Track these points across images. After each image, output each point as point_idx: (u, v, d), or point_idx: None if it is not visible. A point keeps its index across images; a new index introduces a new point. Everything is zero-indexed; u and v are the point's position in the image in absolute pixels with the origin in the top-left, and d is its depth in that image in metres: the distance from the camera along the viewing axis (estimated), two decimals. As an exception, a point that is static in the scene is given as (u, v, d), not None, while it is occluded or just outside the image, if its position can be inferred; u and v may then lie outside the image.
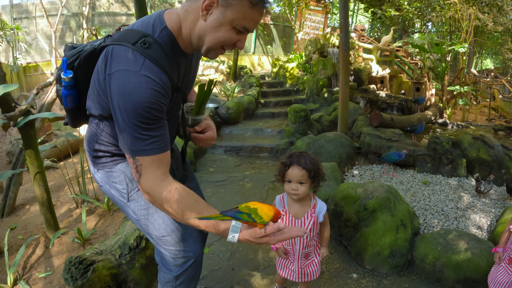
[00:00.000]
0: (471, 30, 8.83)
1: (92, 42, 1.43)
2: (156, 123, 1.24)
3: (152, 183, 1.26)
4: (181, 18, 1.31)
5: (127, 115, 1.19)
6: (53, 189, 4.10)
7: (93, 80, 1.37)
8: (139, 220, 1.58)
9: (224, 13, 1.23)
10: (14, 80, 9.88)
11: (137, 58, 1.21)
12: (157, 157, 1.26)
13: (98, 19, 14.01)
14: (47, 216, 2.93)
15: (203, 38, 1.30)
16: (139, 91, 1.17)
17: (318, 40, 9.86)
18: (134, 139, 1.22)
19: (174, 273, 1.66)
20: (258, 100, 8.62)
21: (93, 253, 2.21)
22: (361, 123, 6.32)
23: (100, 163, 1.54)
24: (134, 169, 1.28)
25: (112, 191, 1.56)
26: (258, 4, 1.24)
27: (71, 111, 1.53)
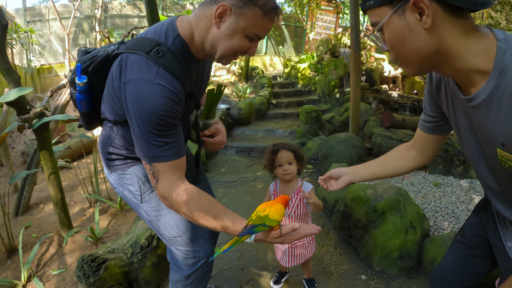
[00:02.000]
0: (484, 29, 8.71)
1: (106, 47, 1.46)
2: (171, 130, 1.26)
3: (169, 188, 1.29)
4: (193, 25, 1.32)
5: (142, 123, 1.22)
6: (67, 188, 4.18)
7: (108, 86, 1.39)
8: (152, 221, 1.61)
9: (237, 21, 1.25)
10: (28, 82, 10.05)
11: (151, 67, 1.24)
12: (173, 162, 1.29)
13: (111, 21, 14.17)
14: (61, 215, 3.00)
15: (216, 45, 1.31)
16: (154, 99, 1.20)
17: (330, 40, 9.85)
18: (150, 146, 1.25)
19: (185, 273, 1.69)
20: (270, 101, 8.64)
21: (106, 251, 2.25)
22: (372, 124, 6.29)
23: (114, 165, 1.57)
24: (151, 175, 1.31)
25: (126, 192, 1.60)
26: (270, 12, 1.26)
27: (86, 114, 1.56)
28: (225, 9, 1.23)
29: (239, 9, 1.23)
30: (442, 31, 0.87)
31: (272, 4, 1.26)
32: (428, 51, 0.90)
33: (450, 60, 0.91)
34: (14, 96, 2.35)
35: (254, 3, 1.22)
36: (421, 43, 0.89)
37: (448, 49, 0.89)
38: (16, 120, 2.50)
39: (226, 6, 1.22)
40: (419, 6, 0.84)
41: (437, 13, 0.85)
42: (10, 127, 2.66)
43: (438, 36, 0.88)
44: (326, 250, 2.98)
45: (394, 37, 0.93)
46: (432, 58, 0.92)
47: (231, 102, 8.03)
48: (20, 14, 13.45)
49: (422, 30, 0.87)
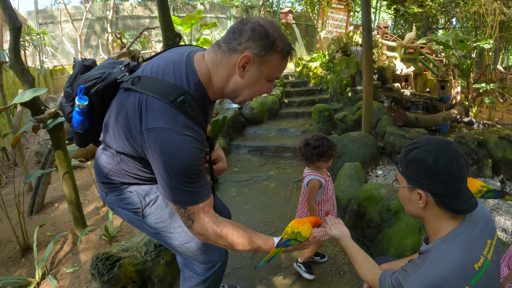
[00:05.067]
0: (496, 25, 8.59)
1: (109, 67, 1.48)
2: (199, 175, 1.30)
3: (205, 226, 1.35)
4: (211, 70, 1.34)
5: (174, 173, 1.24)
6: (81, 188, 4.22)
7: (118, 122, 1.37)
8: (159, 233, 1.60)
9: (260, 69, 1.31)
10: (41, 83, 10.17)
11: (177, 116, 1.25)
12: (207, 202, 1.34)
13: (122, 22, 14.29)
14: (75, 214, 3.03)
15: (238, 92, 1.37)
16: (184, 150, 1.23)
17: (341, 39, 9.79)
18: (183, 192, 1.28)
19: (203, 277, 1.70)
20: (282, 100, 8.63)
21: (120, 249, 2.27)
22: (385, 123, 6.24)
23: (111, 188, 1.55)
24: (185, 217, 1.35)
25: (125, 212, 1.59)
26: (287, 55, 1.34)
27: (79, 134, 1.54)
28: (248, 59, 1.27)
29: (261, 57, 1.28)
30: (428, 210, 1.30)
31: (288, 47, 1.33)
32: (417, 214, 1.35)
33: (426, 223, 1.34)
34: (29, 97, 2.38)
35: (275, 50, 1.28)
36: (414, 210, 1.35)
37: (426, 219, 1.32)
38: (31, 121, 2.53)
39: (249, 56, 1.27)
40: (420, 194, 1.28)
41: (430, 200, 1.27)
42: (25, 127, 2.69)
43: (425, 210, 1.30)
44: (339, 250, 2.96)
45: (401, 196, 1.39)
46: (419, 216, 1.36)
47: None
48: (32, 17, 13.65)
49: (418, 203, 1.30)
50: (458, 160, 1.23)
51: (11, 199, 4.03)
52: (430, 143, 1.28)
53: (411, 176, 1.29)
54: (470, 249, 1.22)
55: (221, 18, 15.08)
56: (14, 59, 2.65)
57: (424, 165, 1.25)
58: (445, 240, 1.24)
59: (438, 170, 1.23)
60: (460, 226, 1.26)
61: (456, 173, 1.22)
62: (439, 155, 1.24)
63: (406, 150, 1.32)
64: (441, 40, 7.85)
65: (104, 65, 1.51)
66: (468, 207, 1.25)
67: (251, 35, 1.26)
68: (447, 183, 1.23)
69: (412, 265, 1.25)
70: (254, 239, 1.43)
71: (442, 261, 1.20)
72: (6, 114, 4.70)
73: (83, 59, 1.55)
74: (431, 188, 1.25)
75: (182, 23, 8.87)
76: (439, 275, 1.17)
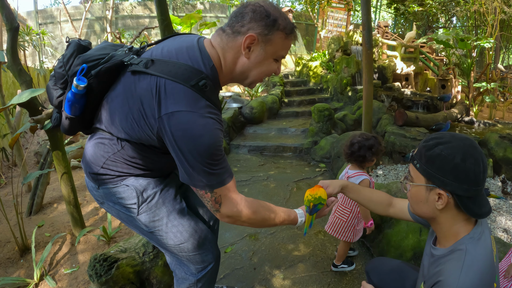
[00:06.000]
0: (497, 24, 8.56)
1: (112, 49, 1.43)
2: (222, 156, 1.31)
3: (232, 207, 1.36)
4: (220, 54, 1.35)
5: (200, 156, 1.23)
6: (80, 188, 4.20)
7: (126, 107, 1.34)
8: (153, 232, 1.56)
9: (265, 48, 1.32)
10: (41, 83, 10.16)
11: (199, 99, 1.25)
12: (231, 182, 1.35)
13: (122, 22, 14.28)
14: (74, 215, 3.01)
15: (246, 73, 1.39)
16: (209, 132, 1.23)
17: (341, 38, 9.77)
18: (209, 175, 1.27)
19: (196, 277, 1.68)
20: (282, 99, 8.62)
21: (118, 250, 2.25)
22: (385, 122, 6.22)
23: (104, 179, 1.47)
24: (213, 201, 1.33)
25: (117, 207, 1.53)
26: (291, 33, 1.35)
27: (71, 119, 1.44)
28: (252, 39, 1.29)
29: (265, 36, 1.30)
30: (444, 212, 1.21)
31: (291, 25, 1.35)
32: (428, 217, 1.28)
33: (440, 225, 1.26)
34: (26, 97, 2.36)
35: (277, 28, 1.30)
36: (428, 212, 1.25)
37: (440, 220, 1.24)
38: (28, 121, 2.52)
39: (253, 36, 1.29)
40: (440, 194, 1.18)
41: (450, 203, 1.19)
42: (22, 128, 2.68)
43: (441, 212, 1.22)
44: (339, 250, 2.96)
45: (415, 195, 1.28)
46: (428, 220, 1.31)
47: (243, 101, 8.02)
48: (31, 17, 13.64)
49: (435, 205, 1.20)
50: (484, 161, 1.16)
51: (10, 199, 4.01)
52: (456, 140, 1.18)
53: (433, 174, 1.18)
54: (491, 246, 1.19)
55: (221, 17, 15.05)
56: (11, 60, 2.64)
57: (451, 163, 1.14)
58: (473, 236, 1.18)
59: (467, 170, 1.13)
60: (478, 225, 1.21)
61: (482, 174, 1.15)
62: (468, 154, 1.14)
63: (427, 145, 1.21)
64: (442, 39, 7.82)
65: (104, 47, 1.45)
66: (486, 210, 1.19)
67: (252, 16, 1.28)
68: (472, 184, 1.15)
69: (451, 266, 1.16)
70: (280, 212, 1.50)
71: (480, 256, 1.14)
72: (5, 114, 4.69)
73: (78, 39, 1.49)
74: (455, 189, 1.16)
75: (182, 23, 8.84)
76: (482, 268, 1.12)
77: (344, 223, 2.54)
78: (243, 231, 3.18)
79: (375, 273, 1.78)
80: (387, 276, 1.71)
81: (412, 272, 1.66)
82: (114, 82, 1.41)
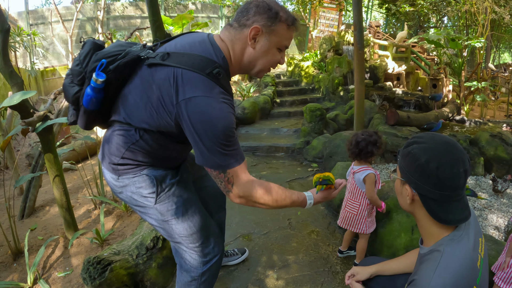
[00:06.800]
0: (487, 23, 8.65)
1: (127, 46, 1.53)
2: (235, 138, 1.41)
3: (244, 187, 1.44)
4: (229, 47, 1.49)
5: (215, 137, 1.33)
6: (72, 190, 4.19)
7: (145, 96, 1.43)
8: (167, 221, 1.64)
9: (269, 38, 1.46)
10: (32, 84, 10.09)
11: (214, 86, 1.36)
12: (243, 164, 1.45)
13: (113, 22, 14.21)
14: (66, 218, 3.00)
15: (253, 62, 1.52)
16: (224, 115, 1.34)
17: (333, 38, 9.80)
18: (223, 156, 1.37)
19: (200, 270, 1.75)
20: (274, 100, 8.61)
21: (111, 253, 2.25)
22: (377, 122, 6.26)
23: (124, 170, 1.56)
24: (225, 182, 1.43)
25: (135, 196, 1.60)
26: (292, 24, 1.49)
27: (90, 113, 1.52)
28: (257, 30, 1.43)
29: (269, 28, 1.44)
30: (417, 208, 1.29)
31: (292, 17, 1.49)
32: (406, 208, 1.34)
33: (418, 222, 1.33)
34: (17, 100, 2.35)
35: (279, 20, 1.44)
36: (404, 204, 1.34)
37: (417, 217, 1.31)
38: (19, 124, 2.51)
39: (258, 28, 1.43)
40: (407, 190, 1.28)
41: (416, 199, 1.26)
42: (14, 130, 2.66)
43: (413, 207, 1.30)
44: (332, 250, 2.97)
45: (395, 187, 1.40)
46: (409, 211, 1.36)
47: (235, 102, 8.01)
48: (22, 17, 13.51)
49: (406, 198, 1.29)
50: (454, 168, 1.16)
51: (2, 203, 3.98)
52: (432, 142, 1.23)
53: (403, 169, 1.27)
54: (472, 249, 1.20)
55: (212, 18, 15.06)
56: (2, 62, 2.62)
57: (416, 163, 1.21)
58: (453, 238, 1.21)
59: (428, 172, 1.18)
60: (460, 228, 1.22)
61: (448, 180, 1.17)
62: (434, 157, 1.19)
63: (407, 143, 1.30)
64: (433, 39, 7.89)
65: (120, 44, 1.55)
66: (455, 218, 1.20)
67: (256, 10, 1.43)
68: (435, 187, 1.18)
69: (426, 266, 1.20)
70: (289, 193, 1.57)
71: (457, 258, 1.16)
72: (-4, 116, 4.65)
73: (93, 38, 1.57)
74: (418, 188, 1.23)
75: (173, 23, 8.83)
76: (457, 271, 1.14)
77: (355, 216, 2.64)
78: (236, 232, 3.19)
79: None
80: (378, 276, 1.73)
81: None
82: (130, 76, 1.51)
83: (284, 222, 3.40)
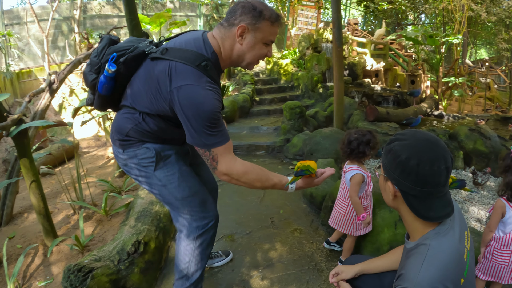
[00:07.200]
0: (464, 20, 8.82)
1: (135, 42, 1.77)
2: (220, 121, 1.61)
3: (228, 165, 1.66)
4: (219, 43, 1.70)
5: (201, 120, 1.55)
6: (50, 195, 4.09)
7: (146, 85, 1.68)
8: (165, 186, 1.86)
9: (255, 35, 1.67)
10: (7, 86, 9.83)
11: (201, 76, 1.58)
12: (227, 144, 1.65)
13: (90, 22, 13.94)
14: (45, 225, 2.92)
15: (242, 57, 1.73)
16: (208, 100, 1.55)
17: (312, 36, 9.84)
18: (208, 136, 1.59)
19: (196, 233, 1.93)
20: (253, 98, 8.58)
21: (92, 260, 2.20)
22: (357, 118, 6.31)
23: (129, 144, 1.81)
24: (211, 159, 1.65)
25: (138, 166, 1.84)
26: (276, 21, 1.69)
27: (103, 97, 1.78)
28: (243, 28, 1.64)
29: (254, 25, 1.64)
30: (399, 204, 1.31)
31: (275, 15, 1.69)
32: (390, 204, 1.36)
33: (403, 218, 1.35)
34: (-10, 104, 2.28)
35: (263, 18, 1.64)
36: (387, 200, 1.37)
37: (401, 213, 1.33)
38: (-7, 129, 2.43)
39: (244, 26, 1.64)
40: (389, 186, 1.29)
41: (398, 195, 1.28)
42: (-13, 136, 2.58)
43: (397, 203, 1.32)
44: (316, 247, 2.98)
45: (380, 183, 1.42)
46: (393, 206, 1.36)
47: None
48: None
49: (390, 195, 1.30)
50: (435, 165, 1.18)
51: (-23, 210, 3.86)
52: (413, 139, 1.25)
53: (385, 166, 1.30)
54: (458, 242, 1.21)
55: (190, 16, 14.92)
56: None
57: (397, 159, 1.23)
58: (439, 232, 1.22)
59: (408, 169, 1.20)
60: (446, 222, 1.24)
61: (429, 177, 1.18)
62: (414, 154, 1.20)
63: (390, 139, 1.33)
64: (411, 35, 8.01)
65: (131, 40, 1.81)
66: (436, 215, 1.22)
67: (242, 10, 1.64)
68: (415, 184, 1.20)
69: (413, 260, 1.22)
70: (271, 176, 1.77)
71: (444, 251, 1.18)
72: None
73: (110, 35, 1.82)
74: (399, 184, 1.25)
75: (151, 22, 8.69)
76: (444, 264, 1.15)
77: (343, 216, 2.64)
78: (219, 232, 3.15)
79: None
80: (364, 275, 1.73)
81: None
82: (138, 68, 1.75)
83: (267, 221, 3.40)
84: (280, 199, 3.88)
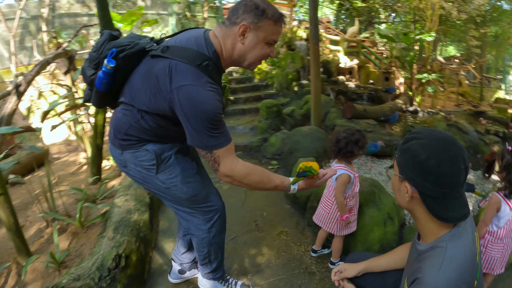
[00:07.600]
0: (436, 18, 8.97)
1: (139, 40, 1.71)
2: (221, 122, 1.58)
3: (230, 167, 1.63)
4: (221, 42, 1.66)
5: (202, 121, 1.51)
6: (21, 207, 3.83)
7: (145, 83, 1.64)
8: (169, 188, 1.84)
9: (257, 34, 1.62)
10: (-30, 91, 9.33)
11: (202, 76, 1.54)
12: (228, 146, 1.62)
13: (59, 21, 13.47)
14: (16, 242, 2.66)
15: (244, 56, 1.68)
16: (209, 101, 1.51)
17: (285, 34, 9.79)
18: (209, 138, 1.56)
19: (206, 227, 1.98)
20: (227, 97, 8.44)
21: (70, 279, 2.01)
22: (334, 115, 6.28)
23: (128, 145, 1.78)
24: (212, 161, 1.62)
25: (138, 168, 1.81)
26: (279, 20, 1.65)
27: (101, 93, 1.73)
28: (245, 27, 1.60)
29: (256, 24, 1.60)
30: (415, 205, 1.27)
31: (278, 13, 1.64)
32: (404, 205, 1.32)
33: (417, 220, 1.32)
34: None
35: (266, 16, 1.59)
36: (401, 201, 1.31)
37: (416, 214, 1.30)
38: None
39: (246, 25, 1.59)
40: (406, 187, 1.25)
41: (415, 196, 1.24)
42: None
43: (412, 205, 1.28)
44: (304, 249, 2.92)
45: (393, 184, 1.38)
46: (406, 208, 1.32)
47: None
48: (-42, 18, 12.45)
49: (405, 196, 1.26)
50: (455, 165, 1.15)
51: None
52: (431, 138, 1.22)
53: (403, 166, 1.25)
54: (472, 244, 1.20)
55: (162, 14, 14.62)
56: None
57: (416, 159, 1.19)
58: (455, 234, 1.20)
59: (428, 169, 1.17)
60: (460, 224, 1.22)
61: (449, 177, 1.15)
62: (434, 154, 1.17)
63: (405, 138, 1.29)
64: (385, 33, 8.07)
65: (131, 36, 1.76)
66: (454, 216, 1.19)
67: (244, 9, 1.59)
68: (435, 185, 1.17)
69: (430, 263, 1.18)
70: (273, 177, 1.76)
71: (461, 254, 1.16)
72: None
73: (110, 30, 1.77)
74: (417, 185, 1.21)
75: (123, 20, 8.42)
76: (461, 266, 1.13)
77: (327, 214, 2.59)
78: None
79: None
80: (367, 273, 1.68)
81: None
82: (137, 65, 1.71)
83: (251, 225, 3.30)
84: (262, 200, 3.79)
